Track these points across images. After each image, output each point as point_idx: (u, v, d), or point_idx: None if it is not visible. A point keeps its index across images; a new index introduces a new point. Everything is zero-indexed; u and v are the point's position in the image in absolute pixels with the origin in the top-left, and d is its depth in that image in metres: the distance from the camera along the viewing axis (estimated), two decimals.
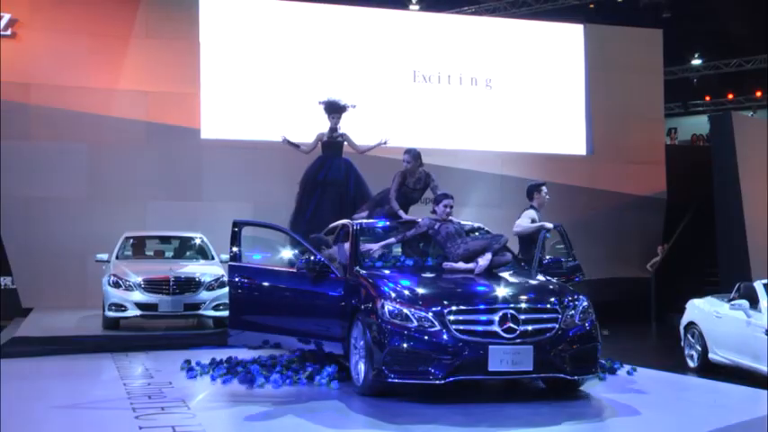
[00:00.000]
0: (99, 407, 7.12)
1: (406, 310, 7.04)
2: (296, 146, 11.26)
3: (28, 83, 16.14)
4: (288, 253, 9.53)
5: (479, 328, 6.95)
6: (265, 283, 8.32)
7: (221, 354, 9.03)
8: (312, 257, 8.14)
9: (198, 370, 8.38)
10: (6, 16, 16.06)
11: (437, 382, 6.86)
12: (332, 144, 11.06)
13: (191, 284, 12.17)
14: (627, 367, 8.94)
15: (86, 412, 6.92)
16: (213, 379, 8.13)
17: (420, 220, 8.62)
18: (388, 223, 9.07)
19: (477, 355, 6.83)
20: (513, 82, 19.25)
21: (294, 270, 8.32)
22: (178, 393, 7.52)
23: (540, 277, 8.18)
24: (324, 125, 11.25)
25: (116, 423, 6.50)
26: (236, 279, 8.26)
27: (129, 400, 7.25)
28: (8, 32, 16.09)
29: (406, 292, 7.30)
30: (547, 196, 9.60)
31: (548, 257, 8.79)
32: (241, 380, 7.99)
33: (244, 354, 9.01)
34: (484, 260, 7.91)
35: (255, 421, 6.59)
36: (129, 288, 12.00)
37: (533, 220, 9.27)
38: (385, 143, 11.29)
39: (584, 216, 9.51)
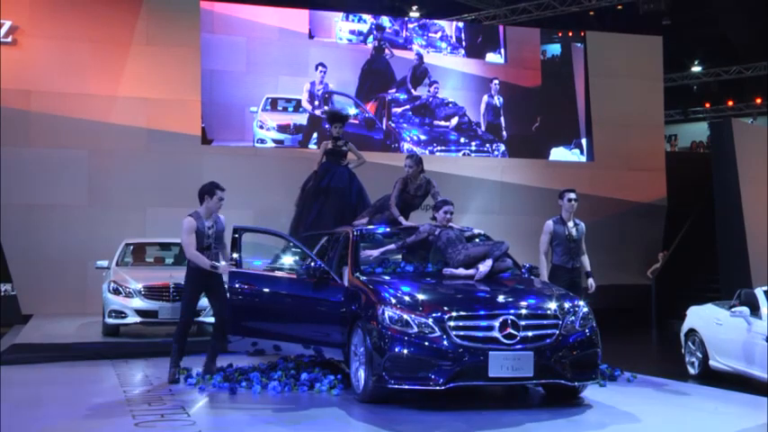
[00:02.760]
0: (99, 414, 7.11)
1: (406, 316, 7.03)
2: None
3: (28, 90, 16.14)
4: (288, 259, 9.54)
5: (480, 333, 6.95)
6: (266, 290, 8.36)
7: (221, 361, 9.00)
8: (313, 264, 8.16)
9: (197, 378, 8.36)
10: (7, 23, 16.06)
11: (437, 388, 6.85)
12: (336, 152, 11.03)
13: None
14: (627, 374, 8.94)
15: (86, 419, 6.90)
16: (213, 386, 8.11)
17: (420, 226, 8.62)
18: (388, 229, 9.07)
19: (478, 360, 6.83)
20: (510, 87, 19.28)
21: (294, 276, 8.35)
22: (178, 400, 7.51)
23: (541, 283, 8.19)
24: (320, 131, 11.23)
25: (116, 430, 6.49)
26: (237, 285, 8.28)
27: (128, 407, 7.24)
28: (9, 39, 16.10)
29: (407, 298, 7.29)
30: (571, 203, 9.17)
31: (526, 264, 8.77)
32: (240, 387, 7.99)
33: (243, 361, 9.00)
34: (484, 266, 7.90)
35: (255, 428, 6.58)
36: (129, 295, 11.98)
37: (549, 233, 9.18)
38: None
39: (585, 223, 9.48)
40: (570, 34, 20.42)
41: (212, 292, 8.48)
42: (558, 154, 19.55)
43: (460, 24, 20.22)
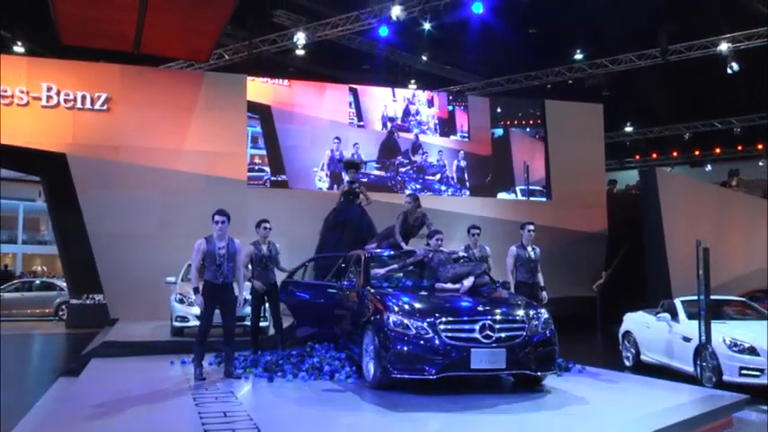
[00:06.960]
0: (167, 396, 7.10)
1: (406, 321, 7.01)
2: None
3: (117, 145, 16.24)
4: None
5: (464, 335, 6.92)
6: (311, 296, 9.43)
7: (262, 356, 8.98)
8: (347, 283, 8.62)
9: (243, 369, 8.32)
10: (104, 95, 16.29)
11: (431, 377, 6.82)
12: (351, 193, 11.08)
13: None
14: (578, 366, 8.88)
15: (158, 400, 6.90)
16: (255, 375, 8.08)
17: (417, 250, 8.62)
18: (392, 252, 9.07)
19: (462, 356, 6.80)
20: (472, 155, 19.58)
21: (335, 288, 9.07)
22: (228, 386, 7.49)
23: (511, 295, 8.16)
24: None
25: (180, 409, 6.47)
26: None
27: (190, 391, 7.22)
28: (105, 108, 16.29)
29: (407, 307, 7.27)
30: (530, 233, 9.13)
31: (500, 281, 8.74)
32: (277, 376, 7.95)
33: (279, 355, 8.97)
34: (468, 282, 7.88)
35: (288, 408, 6.56)
36: (191, 304, 11.90)
37: (513, 257, 9.12)
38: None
39: (547, 249, 9.50)
40: (533, 100, 20.82)
41: (224, 304, 8.17)
42: (502, 195, 19.87)
43: (437, 121, 20.44)
